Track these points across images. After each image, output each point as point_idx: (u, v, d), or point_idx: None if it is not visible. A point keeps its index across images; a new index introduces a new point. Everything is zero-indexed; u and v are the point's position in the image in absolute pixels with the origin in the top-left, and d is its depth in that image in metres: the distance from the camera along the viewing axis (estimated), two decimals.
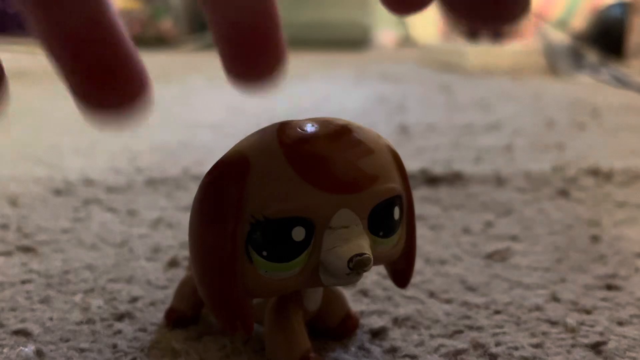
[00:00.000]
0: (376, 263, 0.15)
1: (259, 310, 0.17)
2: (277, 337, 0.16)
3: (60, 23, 0.13)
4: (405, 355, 0.18)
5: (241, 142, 0.15)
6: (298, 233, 0.14)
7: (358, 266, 0.14)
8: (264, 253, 0.14)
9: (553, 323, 0.19)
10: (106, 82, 0.13)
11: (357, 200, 0.14)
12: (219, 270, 0.14)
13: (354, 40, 1.69)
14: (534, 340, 0.18)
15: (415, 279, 0.23)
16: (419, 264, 0.24)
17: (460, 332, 0.19)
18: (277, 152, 0.14)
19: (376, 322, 0.19)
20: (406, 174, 0.16)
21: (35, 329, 0.19)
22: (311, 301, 0.17)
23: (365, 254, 0.14)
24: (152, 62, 0.18)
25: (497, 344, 0.18)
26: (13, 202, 0.32)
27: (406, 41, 1.85)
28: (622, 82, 0.87)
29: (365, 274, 0.23)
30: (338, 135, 0.14)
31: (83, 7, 0.13)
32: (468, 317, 0.20)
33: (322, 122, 0.15)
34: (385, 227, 0.15)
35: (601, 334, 0.19)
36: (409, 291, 0.22)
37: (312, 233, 0.14)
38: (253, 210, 0.13)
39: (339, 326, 0.18)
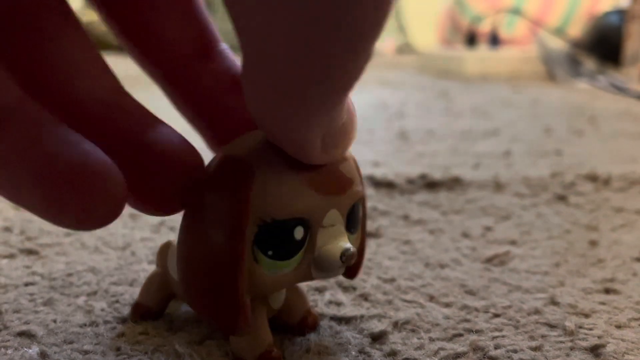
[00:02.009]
0: None
1: None
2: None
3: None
4: (405, 359, 0.18)
5: (234, 146, 0.16)
6: (298, 232, 0.15)
7: (349, 259, 0.15)
8: (270, 252, 0.15)
9: (552, 326, 0.20)
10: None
11: (341, 201, 0.15)
12: (227, 271, 0.14)
13: None
14: (533, 344, 0.18)
15: (415, 282, 0.23)
16: (418, 267, 0.25)
17: (459, 335, 0.19)
18: (278, 159, 0.15)
19: (376, 326, 0.19)
20: (362, 177, 0.17)
21: (39, 331, 0.19)
22: (276, 300, 0.18)
23: (352, 248, 0.15)
24: None
25: (497, 347, 0.18)
26: (16, 205, 0.32)
27: (405, 48, 1.85)
28: (620, 89, 0.87)
29: (365, 278, 0.23)
30: None
31: None
32: (467, 321, 0.20)
33: None
34: (354, 225, 0.16)
35: (600, 337, 0.19)
36: (409, 295, 0.22)
37: (307, 232, 0.15)
38: (260, 212, 0.14)
39: (300, 323, 0.19)
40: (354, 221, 0.16)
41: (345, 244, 0.15)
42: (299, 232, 0.15)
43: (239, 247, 0.14)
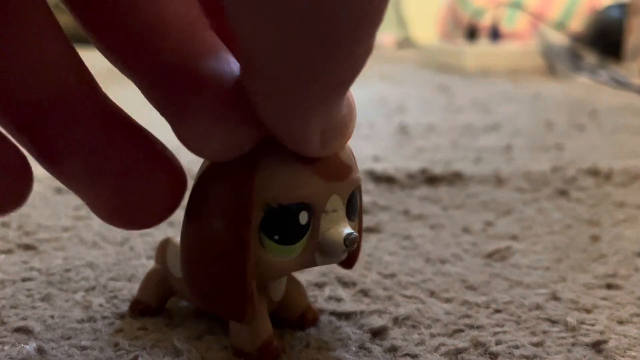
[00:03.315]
0: None
1: None
2: (242, 324, 0.17)
3: None
4: (406, 355, 0.18)
5: None
6: (303, 217, 0.15)
7: (352, 243, 0.15)
8: (276, 237, 0.15)
9: (553, 322, 0.19)
10: None
11: (342, 187, 0.16)
12: (234, 257, 0.15)
13: None
14: (535, 339, 0.18)
15: (416, 278, 0.23)
16: (419, 263, 0.24)
17: (460, 331, 0.19)
18: (279, 145, 0.14)
19: (376, 321, 0.19)
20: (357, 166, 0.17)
21: (36, 326, 0.19)
22: (275, 291, 0.18)
23: (354, 232, 0.15)
24: None
25: (498, 343, 0.18)
26: None
27: (405, 42, 1.85)
28: (621, 84, 0.87)
29: (365, 273, 0.23)
30: None
31: None
32: (468, 316, 0.20)
33: None
34: (353, 211, 0.17)
35: (601, 332, 0.19)
36: (409, 290, 0.22)
37: (311, 217, 0.15)
38: (266, 198, 0.15)
39: (299, 318, 0.19)
40: (353, 208, 0.16)
41: (348, 228, 0.15)
42: (303, 217, 0.15)
43: (244, 233, 0.15)
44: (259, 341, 0.17)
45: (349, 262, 0.18)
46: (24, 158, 0.13)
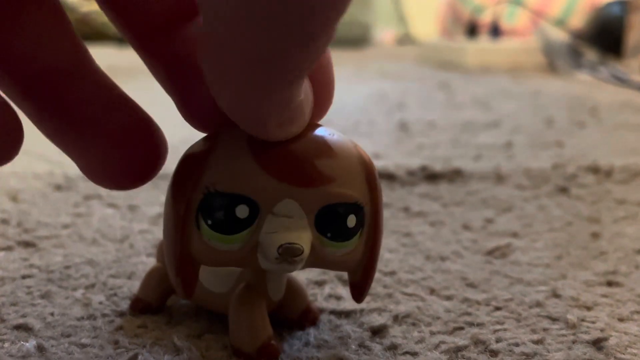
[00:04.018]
0: (327, 266, 0.16)
1: (225, 301, 0.18)
2: (241, 323, 0.17)
3: None
4: (406, 352, 0.18)
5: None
6: (241, 211, 0.14)
7: (286, 254, 0.14)
8: (209, 222, 0.15)
9: (554, 319, 0.19)
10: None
11: (305, 194, 0.14)
12: (173, 232, 0.15)
13: (353, 38, 1.69)
14: (535, 337, 0.18)
15: (416, 275, 0.23)
16: (419, 260, 0.24)
17: (460, 328, 0.19)
18: (241, 136, 0.15)
19: (376, 319, 0.19)
20: (377, 189, 0.16)
21: (36, 324, 0.19)
22: (275, 291, 0.18)
23: (296, 244, 0.14)
24: None
25: (498, 340, 0.18)
26: (13, 197, 0.32)
27: (405, 39, 1.84)
28: (621, 80, 0.87)
29: None
30: (305, 135, 0.15)
31: None
32: (469, 314, 0.20)
33: None
34: (335, 230, 0.15)
35: (602, 330, 0.19)
36: (409, 288, 0.22)
37: (256, 214, 0.14)
38: (208, 182, 0.15)
39: (300, 318, 0.19)
40: (333, 227, 0.15)
41: (292, 238, 0.14)
42: (242, 211, 0.14)
43: (179, 208, 0.15)
44: (258, 342, 0.17)
45: (354, 293, 0.17)
46: (19, 121, 0.14)
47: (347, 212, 0.15)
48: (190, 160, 0.15)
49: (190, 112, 0.16)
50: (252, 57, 0.11)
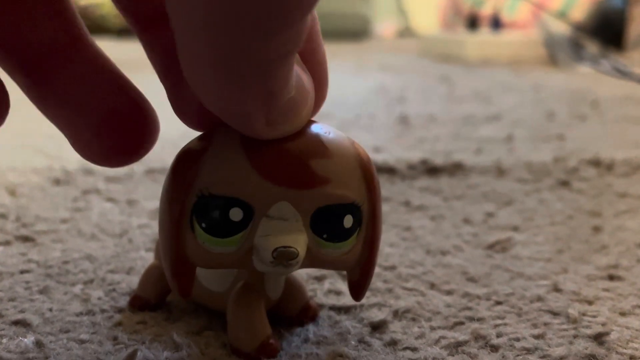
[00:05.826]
0: (324, 266, 0.16)
1: (224, 299, 0.18)
2: (240, 323, 0.17)
3: None
4: (406, 348, 0.17)
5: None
6: (235, 214, 0.14)
7: (280, 257, 0.14)
8: (203, 225, 0.15)
9: (555, 314, 0.19)
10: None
11: (300, 196, 0.14)
12: (168, 234, 0.15)
13: (354, 31, 1.69)
14: (536, 331, 0.18)
15: (416, 270, 0.23)
16: (419, 254, 0.24)
17: (461, 323, 0.19)
18: (235, 137, 0.14)
19: (376, 315, 0.19)
20: (375, 187, 0.16)
21: (34, 319, 0.19)
22: (273, 290, 0.18)
23: (291, 247, 0.14)
24: None
25: (499, 335, 0.18)
26: (12, 192, 0.31)
27: (406, 32, 1.84)
28: (623, 73, 0.86)
29: None
30: (300, 134, 0.15)
31: None
32: (469, 309, 0.20)
33: None
34: (331, 231, 0.15)
35: (603, 324, 0.19)
36: (410, 283, 0.22)
37: (250, 217, 0.14)
38: (202, 185, 0.14)
39: (299, 315, 0.19)
40: (330, 227, 0.15)
41: (288, 241, 0.14)
42: (236, 214, 0.14)
43: (174, 210, 0.15)
44: (257, 341, 0.17)
45: (353, 292, 0.17)
46: (6, 92, 0.15)
47: (344, 213, 0.15)
48: (184, 161, 0.15)
49: (180, 106, 0.16)
50: (218, 53, 0.11)
